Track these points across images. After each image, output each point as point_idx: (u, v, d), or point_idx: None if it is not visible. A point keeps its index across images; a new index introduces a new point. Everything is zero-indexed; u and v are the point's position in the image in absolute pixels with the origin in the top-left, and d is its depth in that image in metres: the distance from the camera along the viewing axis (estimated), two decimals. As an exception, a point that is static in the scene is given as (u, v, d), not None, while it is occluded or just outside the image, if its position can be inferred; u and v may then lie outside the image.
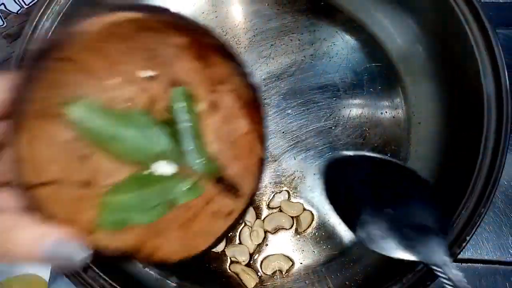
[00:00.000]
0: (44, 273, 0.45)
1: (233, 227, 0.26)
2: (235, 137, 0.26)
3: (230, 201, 0.26)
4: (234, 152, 0.27)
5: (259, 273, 0.42)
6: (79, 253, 0.20)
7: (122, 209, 0.24)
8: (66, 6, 0.39)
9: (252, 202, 0.27)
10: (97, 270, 0.33)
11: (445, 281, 0.26)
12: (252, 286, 0.41)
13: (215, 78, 0.25)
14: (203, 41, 0.23)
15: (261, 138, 0.25)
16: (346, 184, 0.27)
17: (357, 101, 0.46)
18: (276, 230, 0.43)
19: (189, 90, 0.25)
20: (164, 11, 0.21)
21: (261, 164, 0.26)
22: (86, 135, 0.23)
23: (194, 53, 0.24)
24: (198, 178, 0.26)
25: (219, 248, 0.42)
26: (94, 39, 0.20)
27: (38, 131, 0.21)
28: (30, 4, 0.47)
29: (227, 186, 0.27)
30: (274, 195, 0.44)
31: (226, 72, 0.24)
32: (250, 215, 0.43)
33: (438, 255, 0.27)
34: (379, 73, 0.47)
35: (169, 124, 0.26)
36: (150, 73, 0.25)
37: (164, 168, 0.26)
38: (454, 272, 0.26)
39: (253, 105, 0.25)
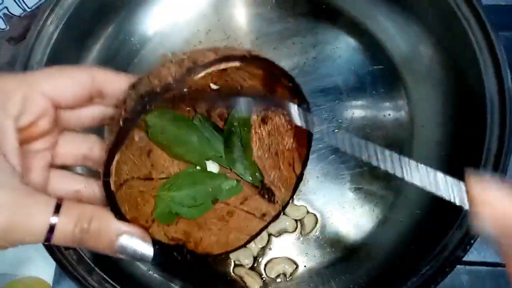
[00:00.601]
0: (47, 276, 0.45)
1: (264, 229, 0.30)
2: (278, 150, 0.29)
3: (264, 203, 0.30)
4: (274, 162, 0.30)
5: (263, 276, 0.42)
6: (145, 250, 0.22)
7: (175, 203, 0.27)
8: (71, 10, 0.39)
9: (284, 212, 0.30)
10: (102, 274, 0.33)
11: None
12: (256, 289, 0.41)
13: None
14: (275, 79, 0.25)
15: (303, 160, 0.29)
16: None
17: (359, 103, 0.46)
18: (280, 233, 0.43)
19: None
20: (256, 57, 0.23)
21: (297, 181, 0.29)
22: (156, 138, 0.26)
23: (262, 82, 0.26)
24: (238, 179, 0.29)
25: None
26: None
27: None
28: (33, 7, 0.47)
29: (262, 189, 0.30)
30: (277, 198, 0.44)
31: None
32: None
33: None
34: (381, 75, 0.47)
35: (225, 132, 0.29)
36: (216, 86, 0.27)
37: (211, 167, 0.29)
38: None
39: (303, 131, 0.27)
